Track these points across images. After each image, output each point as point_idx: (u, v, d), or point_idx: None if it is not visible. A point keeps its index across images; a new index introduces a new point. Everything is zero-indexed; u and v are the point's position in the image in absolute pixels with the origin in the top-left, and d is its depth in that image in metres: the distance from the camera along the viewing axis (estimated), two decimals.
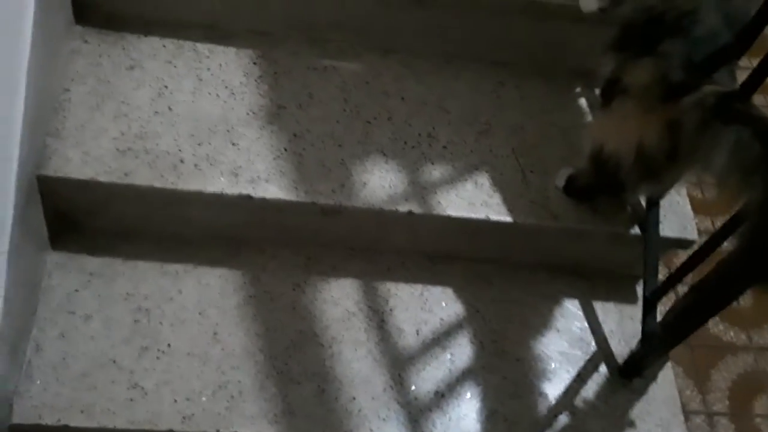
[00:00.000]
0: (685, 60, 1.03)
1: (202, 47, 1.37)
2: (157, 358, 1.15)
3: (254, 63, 1.37)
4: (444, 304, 1.31)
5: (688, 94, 1.01)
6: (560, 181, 1.30)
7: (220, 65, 1.35)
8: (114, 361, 1.13)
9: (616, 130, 1.14)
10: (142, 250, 1.24)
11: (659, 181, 1.20)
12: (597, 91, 1.38)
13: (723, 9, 1.04)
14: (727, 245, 1.14)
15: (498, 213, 1.27)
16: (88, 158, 1.17)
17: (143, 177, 1.17)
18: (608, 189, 1.27)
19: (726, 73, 1.07)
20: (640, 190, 1.28)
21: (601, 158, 1.15)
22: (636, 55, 1.09)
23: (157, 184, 1.17)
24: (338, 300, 1.27)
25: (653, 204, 1.30)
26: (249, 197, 1.19)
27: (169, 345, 1.16)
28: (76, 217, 1.24)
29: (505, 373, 1.25)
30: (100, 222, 1.25)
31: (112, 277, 1.21)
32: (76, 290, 1.19)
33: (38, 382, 1.10)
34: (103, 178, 1.15)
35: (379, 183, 1.26)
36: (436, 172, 1.30)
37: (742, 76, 1.05)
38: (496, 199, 1.28)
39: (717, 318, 1.55)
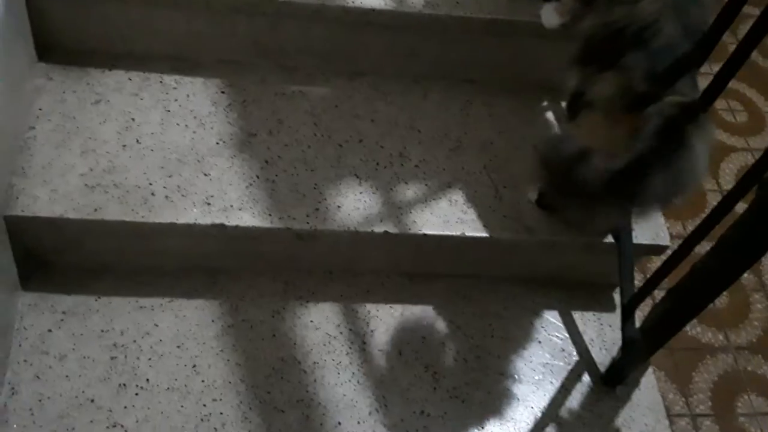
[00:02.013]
0: (647, 71, 1.05)
1: (169, 79, 1.36)
2: (136, 394, 1.13)
3: (222, 92, 1.37)
4: (425, 323, 1.30)
5: (651, 105, 1.04)
6: (533, 194, 1.32)
7: (188, 96, 1.34)
8: (92, 401, 1.11)
9: (584, 143, 1.16)
10: (115, 286, 1.23)
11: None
12: (563, 105, 1.40)
13: (682, 20, 1.06)
14: (700, 249, 1.16)
15: (473, 229, 1.27)
16: (56, 196, 1.15)
17: (113, 212, 1.15)
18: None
19: (688, 81, 1.09)
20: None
21: None
22: (599, 68, 1.11)
23: (128, 218, 1.15)
24: (318, 324, 1.26)
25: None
26: (222, 226, 1.18)
27: (147, 380, 1.14)
28: (46, 256, 1.22)
29: (489, 389, 1.24)
30: (72, 259, 1.23)
31: (86, 315, 1.19)
32: (50, 330, 1.16)
33: (15, 426, 1.07)
34: (72, 215, 1.14)
35: (354, 205, 1.26)
36: (409, 191, 1.30)
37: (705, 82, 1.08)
38: (471, 215, 1.29)
39: (695, 320, 1.56)
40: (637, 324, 1.27)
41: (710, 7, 1.10)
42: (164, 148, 1.26)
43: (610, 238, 1.32)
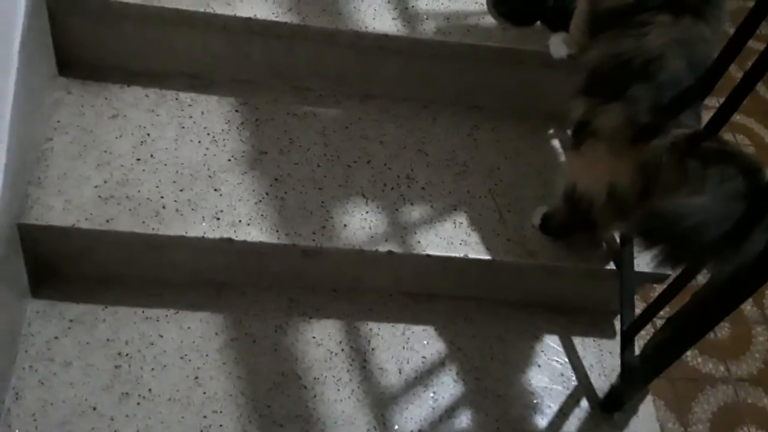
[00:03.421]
0: (652, 103, 1.07)
1: (185, 96, 1.40)
2: (138, 404, 1.14)
3: (236, 110, 1.40)
4: (426, 343, 1.32)
5: (656, 137, 1.05)
6: (536, 219, 1.33)
7: (203, 113, 1.38)
8: (94, 408, 1.12)
9: (588, 172, 1.18)
10: (123, 296, 1.25)
11: (631, 219, 1.24)
12: (569, 133, 1.42)
13: (687, 55, 1.09)
14: (701, 277, 1.17)
15: (476, 251, 1.29)
16: (69, 206, 1.18)
17: (125, 223, 1.18)
18: (582, 227, 1.30)
19: (692, 114, 1.11)
20: (612, 227, 1.31)
21: (574, 198, 1.19)
22: (605, 99, 1.13)
23: (139, 230, 1.18)
24: (321, 341, 1.28)
25: (627, 240, 1.33)
26: (230, 240, 1.21)
27: (150, 390, 1.16)
28: (57, 265, 1.25)
29: (487, 410, 1.25)
30: (82, 269, 1.26)
31: (92, 324, 1.21)
32: (56, 337, 1.18)
33: (17, 431, 1.08)
34: (84, 225, 1.16)
35: (360, 224, 1.28)
36: (415, 212, 1.32)
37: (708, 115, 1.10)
38: (475, 237, 1.31)
39: (696, 350, 1.57)
40: (637, 351, 1.28)
41: (715, 43, 1.12)
42: (177, 163, 1.29)
43: (612, 265, 1.33)
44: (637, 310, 1.30)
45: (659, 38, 1.09)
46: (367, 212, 1.30)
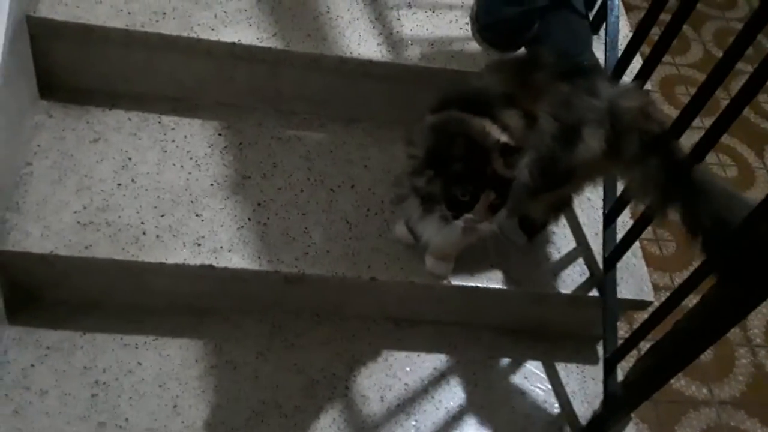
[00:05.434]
0: None
1: (168, 119, 1.39)
2: None
3: (219, 134, 1.40)
4: (408, 369, 1.31)
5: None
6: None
7: (185, 137, 1.37)
8: None
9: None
10: (102, 323, 1.23)
11: None
12: None
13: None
14: (688, 300, 1.16)
15: (460, 278, 1.29)
16: (48, 232, 1.17)
17: (104, 250, 1.17)
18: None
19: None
20: None
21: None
22: None
23: (118, 257, 1.17)
24: (302, 368, 1.27)
25: (610, 267, 1.33)
26: (211, 267, 1.20)
27: (127, 420, 1.14)
28: (35, 291, 1.23)
29: None
30: (60, 295, 1.24)
31: (70, 351, 1.19)
32: (32, 365, 1.17)
33: None
34: (62, 252, 1.15)
35: (343, 250, 1.27)
36: None
37: None
38: (459, 264, 1.30)
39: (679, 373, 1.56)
40: (621, 377, 1.27)
41: None
42: (159, 188, 1.28)
43: (595, 292, 1.33)
44: (622, 332, 1.30)
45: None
46: (350, 238, 1.29)
